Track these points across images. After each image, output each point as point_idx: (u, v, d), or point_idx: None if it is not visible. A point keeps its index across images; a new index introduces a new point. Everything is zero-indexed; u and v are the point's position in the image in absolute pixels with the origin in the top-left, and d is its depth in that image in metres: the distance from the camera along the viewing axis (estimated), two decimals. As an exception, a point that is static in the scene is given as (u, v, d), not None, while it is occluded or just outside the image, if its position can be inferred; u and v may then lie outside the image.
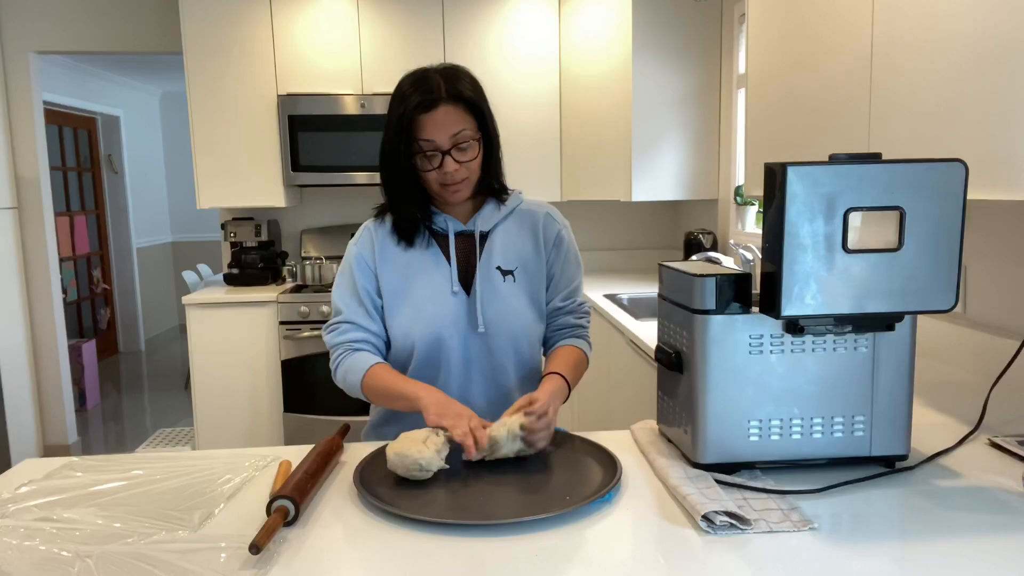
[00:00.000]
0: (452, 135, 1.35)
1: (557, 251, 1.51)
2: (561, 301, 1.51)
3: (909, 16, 1.45)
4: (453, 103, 1.36)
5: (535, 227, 1.50)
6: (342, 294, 1.47)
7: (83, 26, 3.95)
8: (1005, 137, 1.22)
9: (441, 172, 1.37)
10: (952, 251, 1.03)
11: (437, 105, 1.35)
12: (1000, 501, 1.04)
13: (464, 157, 1.37)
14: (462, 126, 1.36)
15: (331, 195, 4.09)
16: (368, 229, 1.50)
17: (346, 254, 1.50)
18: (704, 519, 0.97)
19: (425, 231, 1.46)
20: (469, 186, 1.42)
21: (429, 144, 1.36)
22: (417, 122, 1.35)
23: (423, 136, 1.35)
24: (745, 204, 3.37)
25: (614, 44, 3.49)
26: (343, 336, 1.44)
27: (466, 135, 1.37)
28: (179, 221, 7.83)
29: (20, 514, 1.06)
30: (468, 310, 1.43)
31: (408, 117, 1.35)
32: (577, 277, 1.54)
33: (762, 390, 1.11)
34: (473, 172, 1.41)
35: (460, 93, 1.37)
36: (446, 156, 1.36)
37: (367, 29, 3.63)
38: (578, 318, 1.52)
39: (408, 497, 1.08)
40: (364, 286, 1.45)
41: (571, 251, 1.53)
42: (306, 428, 3.53)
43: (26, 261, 4.05)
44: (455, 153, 1.36)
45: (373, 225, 1.50)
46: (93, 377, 5.18)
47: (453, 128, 1.35)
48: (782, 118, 2.04)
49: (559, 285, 1.51)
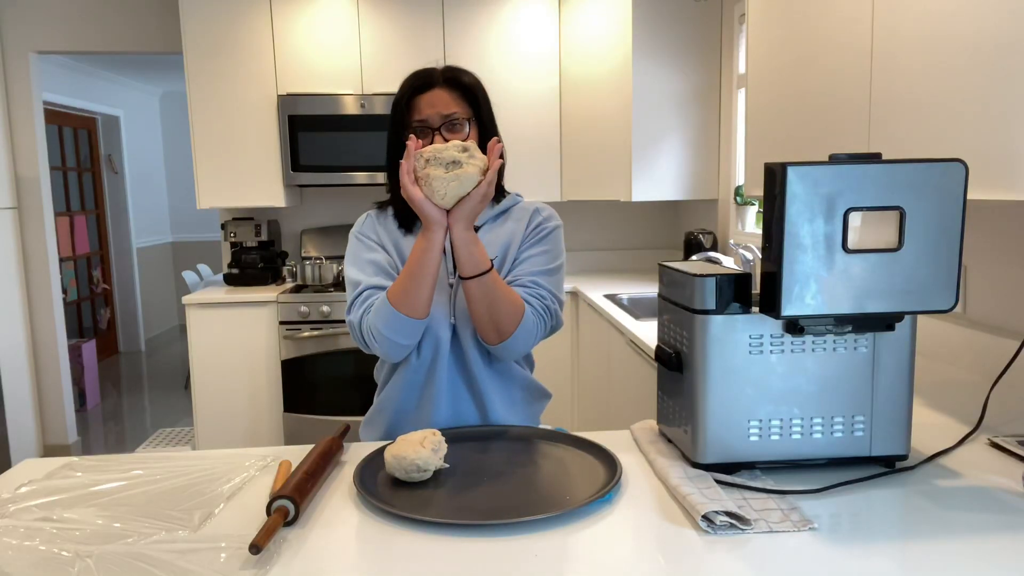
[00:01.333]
0: (444, 115, 1.38)
1: (535, 235, 1.46)
2: (514, 276, 1.43)
3: (909, 16, 1.45)
4: (448, 88, 1.40)
5: (522, 220, 1.49)
6: (359, 268, 1.43)
7: (83, 26, 3.95)
8: (1005, 137, 1.22)
9: None
10: (952, 251, 1.03)
11: (432, 87, 1.40)
12: (1000, 501, 1.04)
13: (454, 137, 1.38)
14: (454, 108, 1.39)
15: (331, 195, 4.09)
16: (370, 216, 1.51)
17: (351, 240, 1.49)
18: (704, 519, 0.97)
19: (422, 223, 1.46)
20: None
21: (421, 123, 1.39)
22: (412, 104, 1.40)
23: (416, 116, 1.39)
24: (745, 204, 3.37)
25: (614, 44, 3.49)
26: (366, 303, 1.39)
27: (458, 116, 1.39)
28: (179, 221, 7.83)
29: (20, 514, 1.06)
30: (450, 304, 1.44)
31: (405, 99, 1.40)
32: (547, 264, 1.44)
33: (762, 390, 1.11)
34: None
35: (456, 78, 1.42)
36: (435, 133, 1.38)
37: (367, 29, 3.63)
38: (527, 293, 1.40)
39: (408, 497, 1.08)
40: (377, 259, 1.44)
41: (549, 244, 1.46)
42: (306, 428, 3.53)
43: (26, 261, 4.05)
44: (445, 131, 1.38)
45: (375, 213, 1.51)
46: (93, 377, 5.18)
47: (446, 109, 1.38)
48: (782, 118, 2.04)
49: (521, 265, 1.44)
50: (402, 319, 1.32)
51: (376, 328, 1.34)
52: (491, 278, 1.32)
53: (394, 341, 1.34)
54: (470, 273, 1.31)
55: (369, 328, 1.36)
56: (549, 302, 1.42)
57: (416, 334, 1.36)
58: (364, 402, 1.46)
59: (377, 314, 1.34)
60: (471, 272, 1.31)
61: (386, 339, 1.34)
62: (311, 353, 3.49)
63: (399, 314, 1.32)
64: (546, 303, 1.42)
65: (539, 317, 1.40)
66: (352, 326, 1.41)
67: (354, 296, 1.41)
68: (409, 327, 1.33)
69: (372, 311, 1.35)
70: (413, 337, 1.36)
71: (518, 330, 1.36)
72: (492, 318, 1.35)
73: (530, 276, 1.43)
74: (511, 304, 1.35)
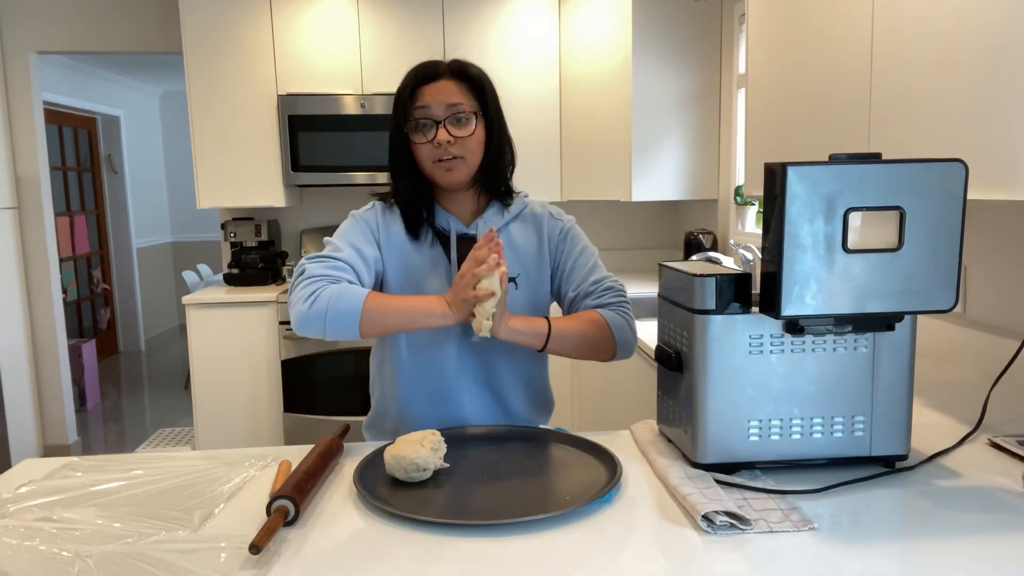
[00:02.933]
0: (449, 106, 1.33)
1: (564, 243, 1.45)
2: (574, 291, 1.43)
3: (909, 16, 1.45)
4: (455, 79, 1.35)
5: (539, 229, 1.46)
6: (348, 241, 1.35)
7: (83, 26, 3.95)
8: (1005, 137, 1.22)
9: (434, 145, 1.33)
10: (952, 251, 1.03)
11: (438, 77, 1.34)
12: (1000, 501, 1.04)
13: (459, 131, 1.33)
14: (460, 100, 1.34)
15: (331, 195, 4.09)
16: (376, 209, 1.43)
17: (351, 217, 1.41)
18: (704, 519, 0.97)
19: (428, 227, 1.42)
20: (464, 168, 1.36)
21: (424, 112, 1.33)
22: (416, 94, 1.34)
23: (419, 106, 1.33)
24: (745, 204, 3.37)
25: (614, 44, 3.49)
26: (334, 271, 1.29)
27: (464, 109, 1.34)
28: (179, 221, 7.83)
29: (20, 514, 1.06)
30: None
31: (408, 90, 1.34)
32: (590, 261, 1.45)
33: (762, 390, 1.11)
34: (470, 153, 1.35)
35: (463, 70, 1.36)
36: (439, 127, 1.33)
37: (367, 29, 3.63)
38: (598, 297, 1.41)
39: (408, 497, 1.08)
40: (365, 254, 1.36)
41: (579, 242, 1.46)
42: (306, 428, 3.53)
43: (26, 261, 4.05)
44: (449, 125, 1.33)
45: (381, 207, 1.44)
46: (93, 377, 5.18)
47: (451, 100, 1.33)
48: (782, 118, 2.04)
49: (572, 276, 1.44)
50: (353, 325, 1.24)
51: (326, 301, 1.24)
52: (557, 331, 1.33)
53: (321, 324, 1.24)
54: (541, 346, 1.33)
55: (318, 291, 1.25)
56: (614, 283, 1.43)
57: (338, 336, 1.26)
58: (364, 402, 1.45)
59: (341, 298, 1.24)
60: (541, 344, 1.32)
61: (320, 317, 1.23)
62: (311, 353, 3.49)
63: (357, 319, 1.24)
64: (616, 289, 1.42)
65: (618, 305, 1.40)
66: (303, 272, 1.30)
67: (327, 254, 1.32)
68: (346, 331, 1.25)
69: (338, 288, 1.25)
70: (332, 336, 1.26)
71: (615, 335, 1.37)
72: (592, 351, 1.37)
73: (588, 282, 1.42)
74: (591, 328, 1.35)
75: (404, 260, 1.41)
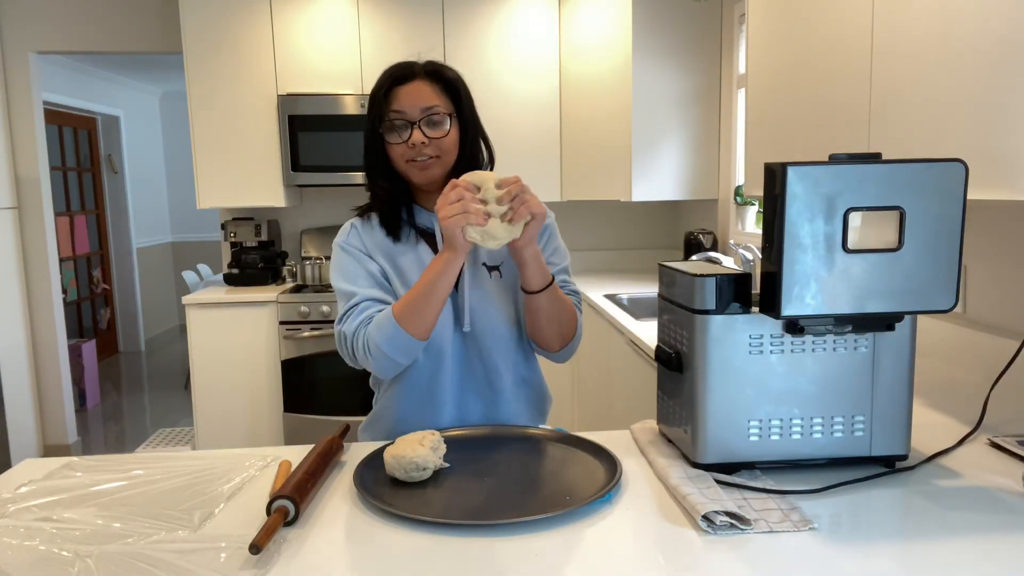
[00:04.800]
0: (423, 108, 1.34)
1: (542, 237, 1.46)
2: None
3: (909, 16, 1.45)
4: (429, 80, 1.36)
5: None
6: (349, 279, 1.38)
7: (83, 26, 3.95)
8: (1005, 137, 1.22)
9: (408, 146, 1.34)
10: (952, 251, 1.03)
11: (412, 78, 1.36)
12: (1000, 501, 1.04)
13: (434, 132, 1.35)
14: (435, 102, 1.35)
15: (331, 195, 4.09)
16: (354, 225, 1.45)
17: (336, 251, 1.43)
18: (704, 519, 0.97)
19: (409, 227, 1.43)
20: (439, 166, 1.37)
21: (399, 115, 1.34)
22: (391, 95, 1.35)
23: (394, 107, 1.35)
24: (745, 204, 3.37)
25: (614, 44, 3.49)
26: (363, 314, 1.33)
27: (439, 110, 1.35)
28: (179, 221, 7.83)
29: (20, 514, 1.06)
30: (456, 309, 1.41)
31: (383, 90, 1.36)
32: (562, 263, 1.47)
33: (762, 390, 1.11)
34: (444, 152, 1.37)
35: (438, 72, 1.38)
36: (414, 128, 1.34)
37: (367, 29, 3.63)
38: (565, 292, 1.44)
39: (408, 497, 1.08)
40: (371, 270, 1.39)
41: (555, 240, 1.48)
42: (306, 428, 3.53)
43: (26, 261, 4.05)
44: (424, 126, 1.34)
45: (358, 222, 1.45)
46: (93, 377, 5.18)
47: (425, 102, 1.34)
48: (782, 118, 2.04)
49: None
50: (406, 338, 1.28)
51: (375, 343, 1.29)
52: (556, 287, 1.35)
53: (392, 359, 1.30)
54: (540, 286, 1.32)
55: (366, 342, 1.31)
56: (577, 290, 1.48)
57: (414, 354, 1.33)
58: (364, 402, 1.45)
59: (380, 329, 1.29)
60: (541, 285, 1.32)
61: (384, 356, 1.29)
62: (311, 353, 3.49)
63: (404, 332, 1.27)
64: (578, 295, 1.47)
65: (578, 311, 1.44)
66: (343, 337, 1.35)
67: (348, 307, 1.35)
68: (411, 346, 1.30)
69: (373, 325, 1.30)
70: (411, 356, 1.33)
71: (577, 330, 1.41)
72: (559, 327, 1.38)
73: (558, 280, 1.42)
74: (569, 308, 1.39)
75: (394, 263, 1.42)
